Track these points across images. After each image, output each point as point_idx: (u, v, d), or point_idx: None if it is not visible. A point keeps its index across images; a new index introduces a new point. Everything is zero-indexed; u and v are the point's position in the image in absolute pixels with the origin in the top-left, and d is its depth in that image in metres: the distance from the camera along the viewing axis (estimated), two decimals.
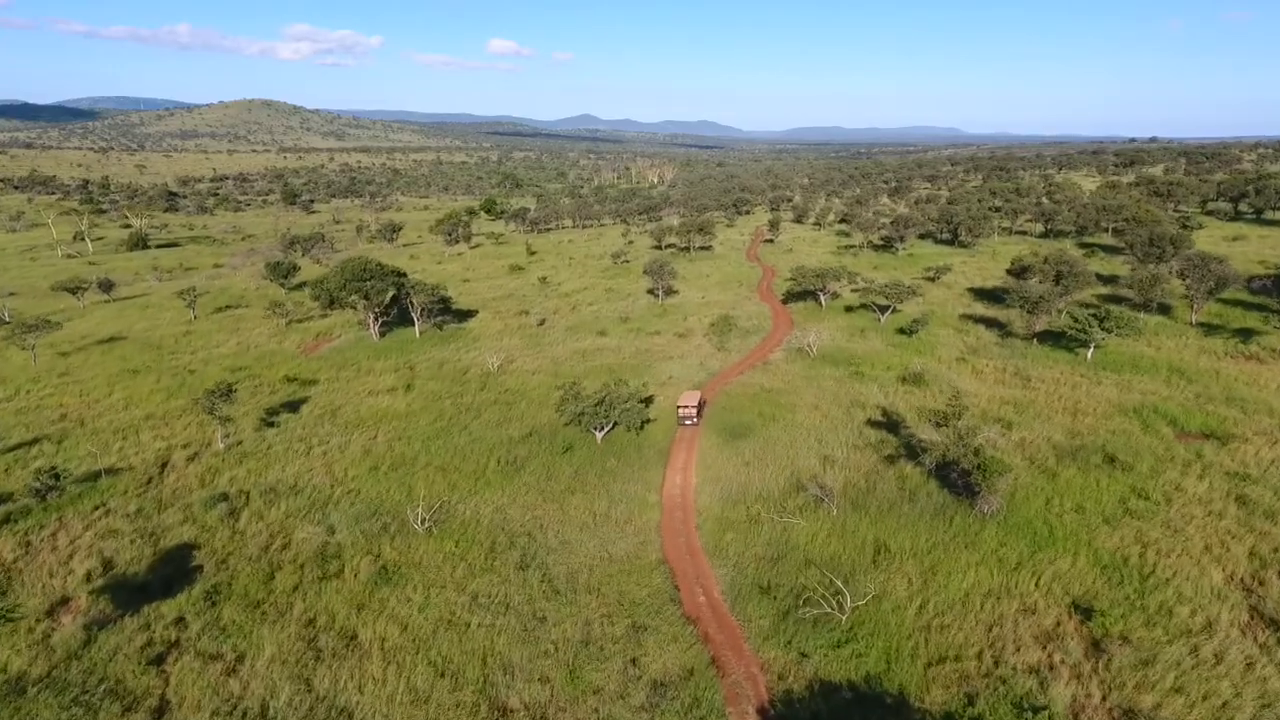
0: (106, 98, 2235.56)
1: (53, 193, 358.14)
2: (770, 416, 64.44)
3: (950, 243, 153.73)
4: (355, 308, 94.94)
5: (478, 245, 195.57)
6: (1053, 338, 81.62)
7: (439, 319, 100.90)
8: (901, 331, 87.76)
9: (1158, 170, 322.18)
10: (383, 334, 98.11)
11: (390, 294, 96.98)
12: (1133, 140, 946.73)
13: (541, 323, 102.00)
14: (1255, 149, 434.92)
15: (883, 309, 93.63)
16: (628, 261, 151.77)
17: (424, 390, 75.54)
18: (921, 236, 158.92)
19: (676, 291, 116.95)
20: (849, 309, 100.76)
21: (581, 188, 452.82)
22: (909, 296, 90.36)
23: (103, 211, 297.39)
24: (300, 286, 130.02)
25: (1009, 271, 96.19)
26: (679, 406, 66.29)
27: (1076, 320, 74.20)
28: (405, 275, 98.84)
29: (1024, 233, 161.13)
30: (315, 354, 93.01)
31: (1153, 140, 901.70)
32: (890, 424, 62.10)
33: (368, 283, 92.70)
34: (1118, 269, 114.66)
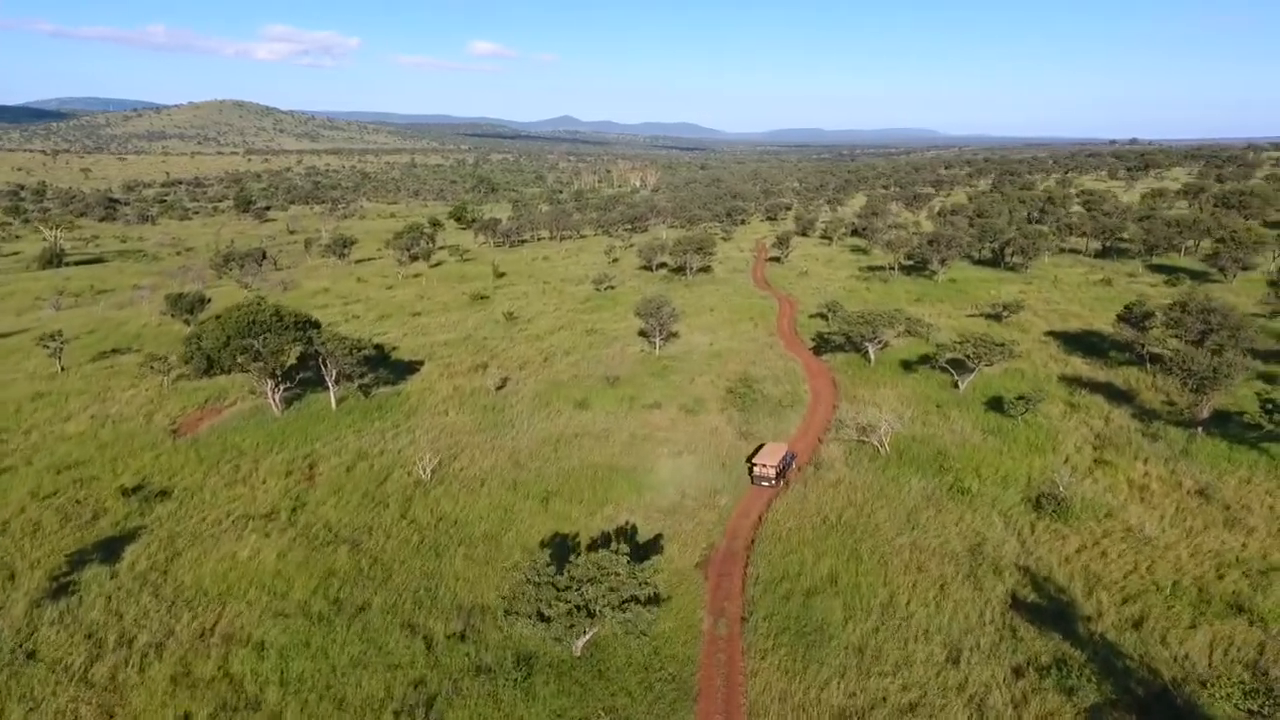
0: (76, 99, 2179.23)
1: None
2: (853, 589, 40.12)
3: (993, 264, 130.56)
4: (247, 370, 69.59)
5: (439, 264, 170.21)
6: (1217, 421, 58.05)
7: (366, 380, 75.94)
8: (995, 407, 63.89)
9: (1180, 174, 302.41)
10: (289, 403, 73.09)
11: (296, 351, 71.87)
12: (1113, 142, 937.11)
13: (502, 385, 77.24)
14: (1266, 151, 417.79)
15: (956, 366, 69.50)
16: (612, 288, 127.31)
17: (315, 519, 50.53)
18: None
19: (676, 334, 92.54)
20: (907, 365, 76.79)
21: (560, 192, 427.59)
22: (1003, 357, 66.33)
23: (27, 221, 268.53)
24: None
25: (1123, 318, 72.93)
26: (754, 463, 52.58)
27: (1274, 405, 50.56)
28: (317, 326, 73.47)
29: (1076, 251, 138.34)
30: (193, 434, 67.85)
31: (1133, 142, 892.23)
32: (1055, 611, 38.00)
33: (260, 338, 67.57)
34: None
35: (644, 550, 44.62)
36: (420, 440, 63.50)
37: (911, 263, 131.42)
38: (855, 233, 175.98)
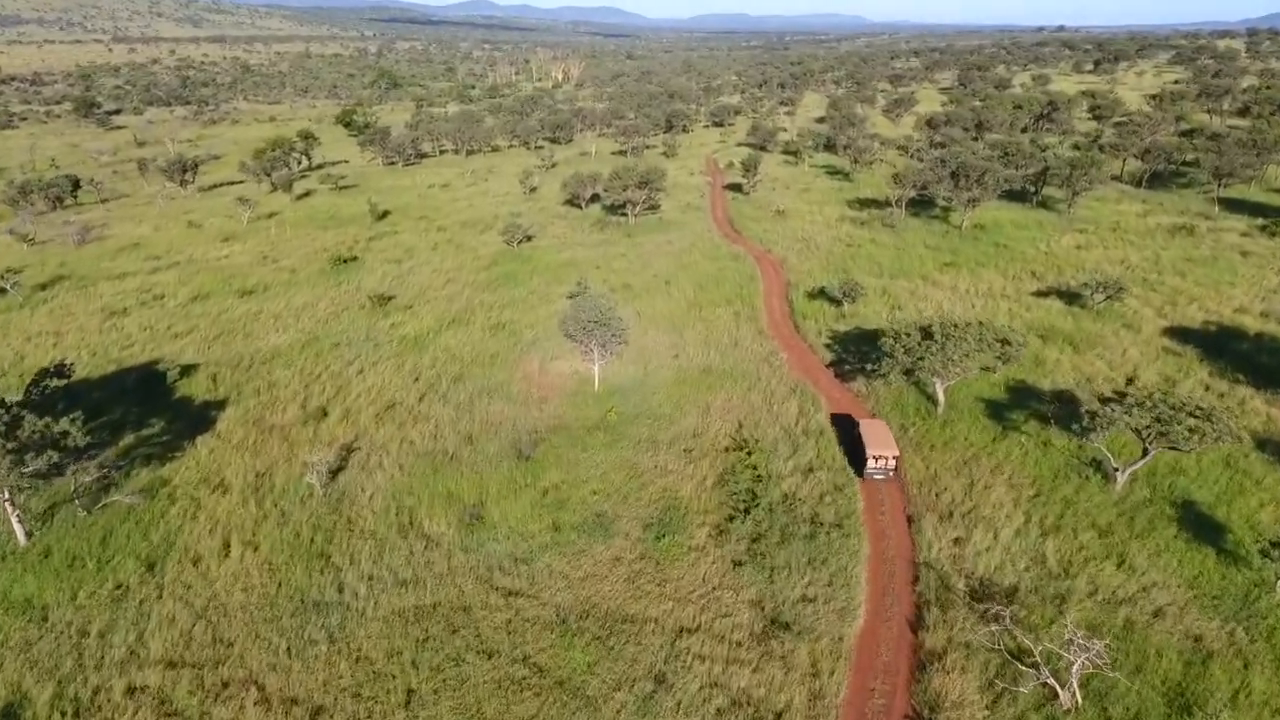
0: None
1: None
2: None
3: (1020, 198, 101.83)
4: None
5: (306, 195, 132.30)
6: None
7: (95, 472, 43.47)
8: (1197, 528, 36.38)
9: (1149, 68, 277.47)
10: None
11: None
12: (1042, 29, 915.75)
13: (341, 465, 45.96)
14: (1207, 39, 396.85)
15: (1084, 423, 40.73)
16: (530, 238, 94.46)
17: None
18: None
19: (623, 340, 61.54)
20: (994, 411, 48.36)
21: (473, 88, 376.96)
22: (1216, 439, 38.02)
23: None
24: None
25: None
26: (868, 455, 41.32)
27: None
28: None
29: (1115, 177, 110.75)
30: None
31: (1061, 29, 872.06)
32: None
33: None
34: None
35: None
36: (152, 651, 32.54)
37: (913, 194, 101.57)
38: (828, 146, 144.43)
